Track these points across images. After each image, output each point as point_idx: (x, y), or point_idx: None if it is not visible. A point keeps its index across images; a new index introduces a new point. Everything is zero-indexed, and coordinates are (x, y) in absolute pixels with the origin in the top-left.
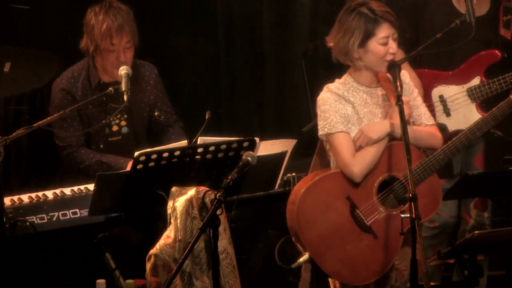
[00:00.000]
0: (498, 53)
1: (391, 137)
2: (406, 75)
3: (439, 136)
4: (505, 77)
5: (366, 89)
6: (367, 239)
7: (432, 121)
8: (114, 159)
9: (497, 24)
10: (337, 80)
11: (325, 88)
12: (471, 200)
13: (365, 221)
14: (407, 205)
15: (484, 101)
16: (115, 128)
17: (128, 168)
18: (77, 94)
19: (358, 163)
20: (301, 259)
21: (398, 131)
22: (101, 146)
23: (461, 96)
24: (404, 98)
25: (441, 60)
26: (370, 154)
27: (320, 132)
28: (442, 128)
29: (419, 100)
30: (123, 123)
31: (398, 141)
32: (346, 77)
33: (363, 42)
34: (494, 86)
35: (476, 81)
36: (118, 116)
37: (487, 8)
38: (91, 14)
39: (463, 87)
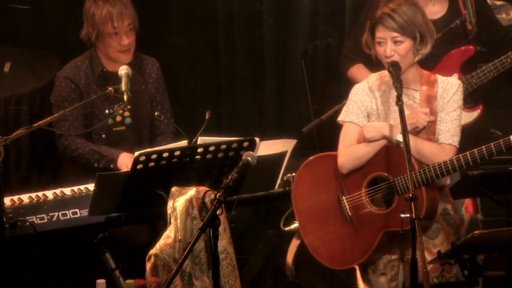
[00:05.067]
0: (472, 47)
1: (388, 140)
2: (454, 88)
3: (443, 157)
4: (483, 69)
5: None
6: (347, 227)
7: (450, 141)
8: (106, 149)
9: (463, 24)
10: (380, 72)
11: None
12: (461, 205)
13: (347, 210)
14: (391, 208)
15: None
16: (118, 118)
17: (119, 160)
18: (80, 82)
19: (345, 156)
20: (292, 226)
21: (395, 137)
22: (103, 136)
23: None
24: (423, 109)
25: None
26: (358, 151)
27: (338, 117)
28: None
29: (452, 116)
30: (127, 113)
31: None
32: (386, 72)
33: (371, 36)
34: (474, 81)
35: None
36: (122, 107)
37: (445, 9)
38: (90, 2)
39: None
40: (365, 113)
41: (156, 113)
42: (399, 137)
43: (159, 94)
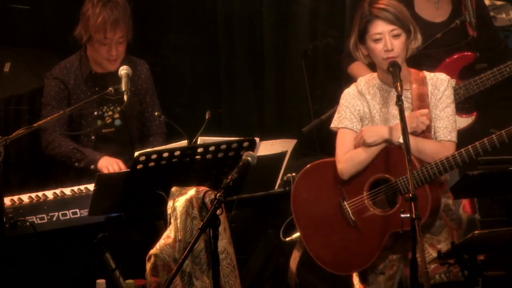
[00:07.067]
0: (471, 54)
1: (389, 143)
2: (444, 84)
3: (444, 154)
4: (482, 77)
5: (389, 89)
6: (352, 233)
7: (449, 137)
8: (89, 151)
9: (463, 26)
10: (367, 75)
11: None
12: (459, 205)
13: (350, 215)
14: (395, 208)
15: (460, 102)
16: (108, 120)
17: (100, 161)
18: (69, 83)
19: (345, 162)
20: (294, 236)
21: (397, 139)
22: (93, 137)
23: None
24: (422, 110)
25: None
26: (358, 157)
27: (331, 124)
28: None
29: (446, 112)
30: (116, 115)
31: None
32: (374, 74)
33: (361, 38)
34: (472, 87)
35: None
36: (112, 108)
37: (448, 13)
38: (88, 5)
39: None
40: (358, 117)
41: (156, 113)
42: (401, 139)
43: (149, 96)
